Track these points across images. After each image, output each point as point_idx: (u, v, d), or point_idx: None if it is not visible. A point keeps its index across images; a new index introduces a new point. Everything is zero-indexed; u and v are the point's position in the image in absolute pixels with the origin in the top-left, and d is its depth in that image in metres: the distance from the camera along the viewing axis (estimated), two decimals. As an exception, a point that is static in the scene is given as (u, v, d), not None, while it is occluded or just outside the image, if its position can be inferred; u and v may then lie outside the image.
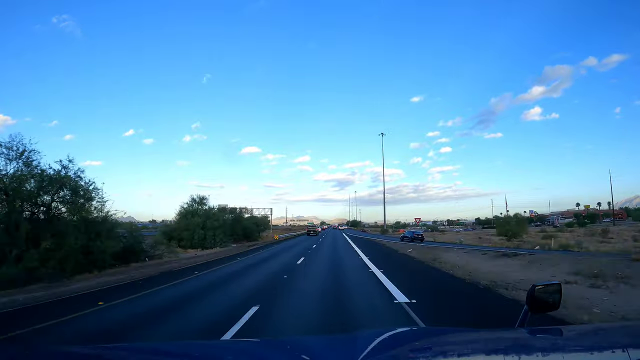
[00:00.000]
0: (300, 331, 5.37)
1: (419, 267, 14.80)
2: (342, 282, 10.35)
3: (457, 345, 1.48)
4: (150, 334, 5.36)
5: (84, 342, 5.01)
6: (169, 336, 5.15)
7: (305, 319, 6.20)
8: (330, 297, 7.97)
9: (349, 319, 6.07)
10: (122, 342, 4.87)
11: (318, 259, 17.80)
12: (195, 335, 5.22)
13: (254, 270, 13.57)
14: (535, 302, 1.65)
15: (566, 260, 12.78)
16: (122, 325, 5.94)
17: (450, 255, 17.92)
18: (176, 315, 6.50)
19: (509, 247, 23.32)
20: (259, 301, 7.23)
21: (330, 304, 7.28)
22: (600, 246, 22.36)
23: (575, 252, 17.52)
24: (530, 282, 1.82)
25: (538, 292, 1.67)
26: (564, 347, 1.35)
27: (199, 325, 5.81)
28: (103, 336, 5.27)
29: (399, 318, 5.97)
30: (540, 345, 1.40)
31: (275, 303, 7.41)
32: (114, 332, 5.49)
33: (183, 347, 1.82)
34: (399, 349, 1.44)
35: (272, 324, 5.84)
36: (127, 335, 5.32)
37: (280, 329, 5.57)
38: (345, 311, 6.61)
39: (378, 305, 7.14)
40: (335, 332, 5.18)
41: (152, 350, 1.71)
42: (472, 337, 1.65)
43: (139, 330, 5.70)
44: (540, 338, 1.56)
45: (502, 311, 6.65)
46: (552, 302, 1.71)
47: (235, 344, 2.36)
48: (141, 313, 6.90)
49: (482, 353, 1.38)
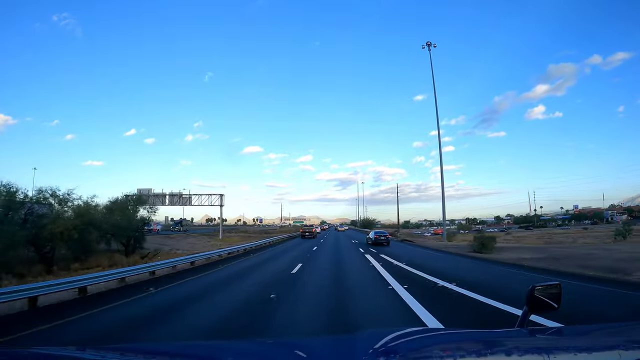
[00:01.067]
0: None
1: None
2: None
3: (457, 346, 1.47)
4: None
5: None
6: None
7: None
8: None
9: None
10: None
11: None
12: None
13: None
14: (535, 302, 1.66)
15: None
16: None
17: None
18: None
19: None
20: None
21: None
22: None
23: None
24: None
25: (538, 292, 1.67)
26: (564, 347, 1.35)
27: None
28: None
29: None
30: (540, 345, 1.40)
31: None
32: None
33: (183, 348, 1.82)
34: (400, 350, 1.43)
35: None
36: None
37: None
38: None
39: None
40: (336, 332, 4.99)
41: (152, 351, 1.70)
42: (472, 337, 1.65)
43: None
44: (540, 338, 1.56)
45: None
46: (552, 302, 1.70)
47: (236, 345, 2.36)
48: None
49: (482, 353, 1.37)
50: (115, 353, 1.53)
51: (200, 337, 5.77)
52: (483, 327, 4.06)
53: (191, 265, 16.01)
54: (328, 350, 1.59)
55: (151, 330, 6.03)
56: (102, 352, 1.55)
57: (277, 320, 6.44)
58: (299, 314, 7.13)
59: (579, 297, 7.72)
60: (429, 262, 16.88)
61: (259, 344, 2.09)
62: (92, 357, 1.45)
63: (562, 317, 4.37)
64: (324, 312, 7.31)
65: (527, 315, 1.68)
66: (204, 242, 37.71)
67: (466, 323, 6.25)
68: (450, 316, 6.62)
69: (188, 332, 5.87)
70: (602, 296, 8.49)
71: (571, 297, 6.35)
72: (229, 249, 23.27)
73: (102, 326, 6.52)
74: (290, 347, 1.65)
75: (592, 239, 32.82)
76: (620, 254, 16.21)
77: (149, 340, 5.44)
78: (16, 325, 6.48)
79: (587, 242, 28.27)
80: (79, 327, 6.53)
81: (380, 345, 1.45)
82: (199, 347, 1.92)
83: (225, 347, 2.08)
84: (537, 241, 34.24)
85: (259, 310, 7.18)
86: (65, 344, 5.05)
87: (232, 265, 16.81)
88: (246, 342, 2.59)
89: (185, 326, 6.29)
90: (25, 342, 5.31)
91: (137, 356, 1.54)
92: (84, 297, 9.28)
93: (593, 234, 40.74)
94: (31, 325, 6.44)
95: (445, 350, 1.41)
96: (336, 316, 6.84)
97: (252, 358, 1.56)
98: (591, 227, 64.93)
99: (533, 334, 1.61)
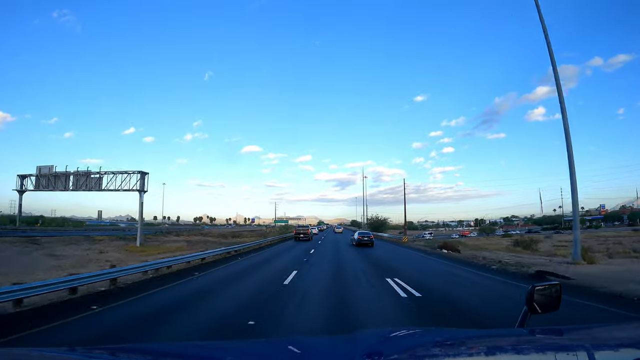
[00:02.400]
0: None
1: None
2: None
3: (457, 345, 1.47)
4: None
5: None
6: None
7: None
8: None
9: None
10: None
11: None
12: None
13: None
14: (535, 303, 1.66)
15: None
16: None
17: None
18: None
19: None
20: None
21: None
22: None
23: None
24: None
25: (537, 293, 1.67)
26: (564, 347, 1.35)
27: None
28: None
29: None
30: (540, 345, 1.40)
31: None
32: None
33: (183, 348, 1.83)
34: (399, 349, 1.44)
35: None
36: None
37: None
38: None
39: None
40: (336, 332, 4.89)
41: (152, 351, 1.70)
42: (472, 337, 1.65)
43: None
44: (540, 338, 1.56)
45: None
46: (552, 302, 1.71)
47: (235, 345, 2.37)
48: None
49: (482, 353, 1.38)
50: (115, 353, 1.53)
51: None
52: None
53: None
54: (328, 350, 1.58)
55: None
56: (102, 352, 1.55)
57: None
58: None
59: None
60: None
61: (259, 344, 2.08)
62: (92, 358, 1.44)
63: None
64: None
65: (527, 315, 1.68)
66: (81, 256, 20.73)
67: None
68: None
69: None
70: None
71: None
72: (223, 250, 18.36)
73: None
74: (290, 347, 1.64)
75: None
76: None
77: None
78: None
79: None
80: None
81: (379, 344, 1.47)
82: (199, 347, 1.92)
83: (225, 347, 2.09)
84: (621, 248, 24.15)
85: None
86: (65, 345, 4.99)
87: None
88: (246, 342, 2.59)
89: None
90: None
91: (137, 356, 1.54)
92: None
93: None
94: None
95: (444, 350, 1.42)
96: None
97: (252, 358, 1.55)
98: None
99: (533, 334, 1.60)
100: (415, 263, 17.12)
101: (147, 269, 12.12)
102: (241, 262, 16.90)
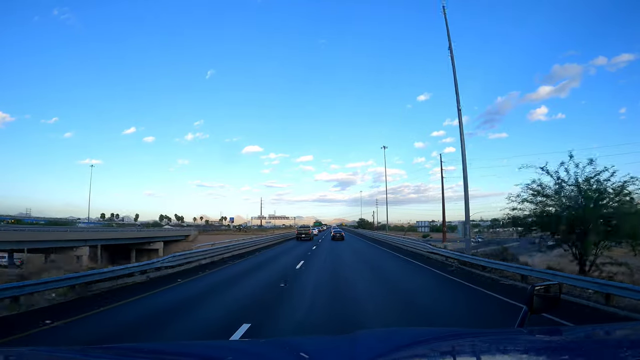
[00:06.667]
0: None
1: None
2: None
3: (457, 345, 1.47)
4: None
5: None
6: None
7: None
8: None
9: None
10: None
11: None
12: None
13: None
14: (535, 302, 1.66)
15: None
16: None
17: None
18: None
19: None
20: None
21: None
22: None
23: None
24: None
25: (537, 292, 1.67)
26: (564, 347, 1.34)
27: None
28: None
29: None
30: (540, 345, 1.40)
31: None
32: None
33: (183, 347, 1.82)
34: (399, 349, 1.44)
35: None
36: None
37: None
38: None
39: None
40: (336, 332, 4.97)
41: (152, 351, 1.70)
42: (472, 337, 1.64)
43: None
44: (539, 338, 1.56)
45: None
46: (552, 302, 1.71)
47: (236, 344, 2.37)
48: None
49: (482, 353, 1.37)
50: (115, 353, 1.54)
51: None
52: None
53: None
54: (328, 350, 1.58)
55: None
56: (101, 352, 1.55)
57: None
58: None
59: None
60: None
61: (259, 344, 2.08)
62: (92, 358, 1.44)
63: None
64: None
65: (527, 315, 1.68)
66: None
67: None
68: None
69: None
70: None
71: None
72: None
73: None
74: (290, 347, 1.64)
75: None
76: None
77: None
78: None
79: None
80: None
81: (379, 344, 1.47)
82: (199, 347, 1.92)
83: (225, 347, 2.09)
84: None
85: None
86: (66, 344, 5.03)
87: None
88: (246, 342, 2.58)
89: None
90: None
91: (137, 356, 1.54)
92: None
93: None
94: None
95: (444, 350, 1.42)
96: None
97: (252, 358, 1.55)
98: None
99: (532, 334, 1.59)
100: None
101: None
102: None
